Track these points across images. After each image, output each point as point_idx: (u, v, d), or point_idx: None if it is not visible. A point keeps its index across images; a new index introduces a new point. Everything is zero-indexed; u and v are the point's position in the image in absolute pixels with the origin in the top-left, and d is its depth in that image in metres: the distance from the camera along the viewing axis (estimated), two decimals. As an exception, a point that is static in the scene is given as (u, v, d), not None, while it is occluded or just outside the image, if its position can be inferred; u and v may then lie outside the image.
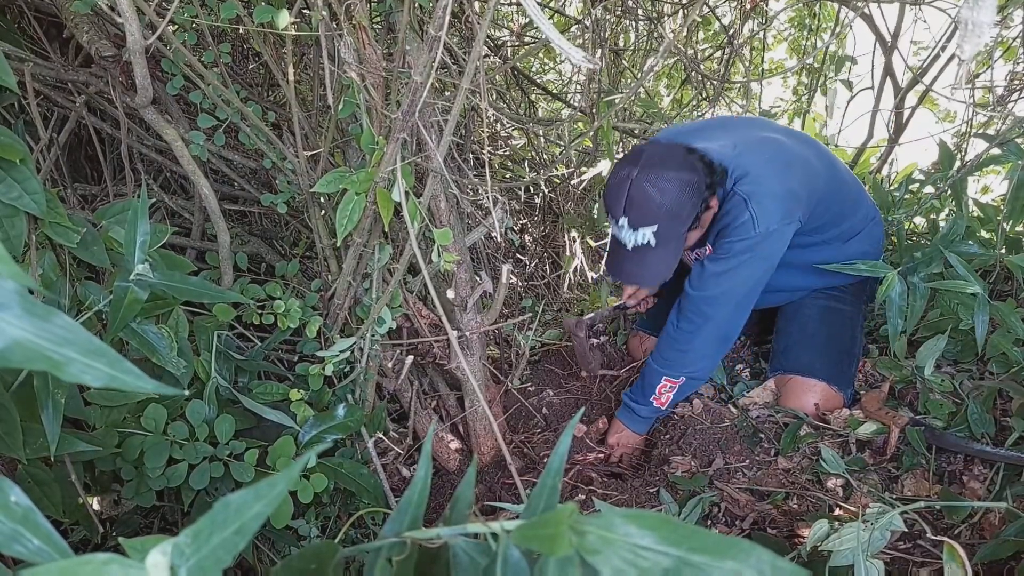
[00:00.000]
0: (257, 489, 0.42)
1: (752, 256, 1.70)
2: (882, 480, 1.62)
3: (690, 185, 1.59)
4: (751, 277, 1.74)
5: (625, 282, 1.74)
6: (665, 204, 1.58)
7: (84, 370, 0.41)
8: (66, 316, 0.42)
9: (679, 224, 1.62)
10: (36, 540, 0.45)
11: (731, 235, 1.70)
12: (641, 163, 1.60)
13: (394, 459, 1.95)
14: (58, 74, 1.79)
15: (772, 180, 1.69)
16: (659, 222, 1.60)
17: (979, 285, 1.72)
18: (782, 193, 1.68)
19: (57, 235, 1.17)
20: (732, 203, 1.69)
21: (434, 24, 1.15)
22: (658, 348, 1.92)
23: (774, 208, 1.66)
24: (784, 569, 0.39)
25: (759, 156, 1.73)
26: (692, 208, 1.62)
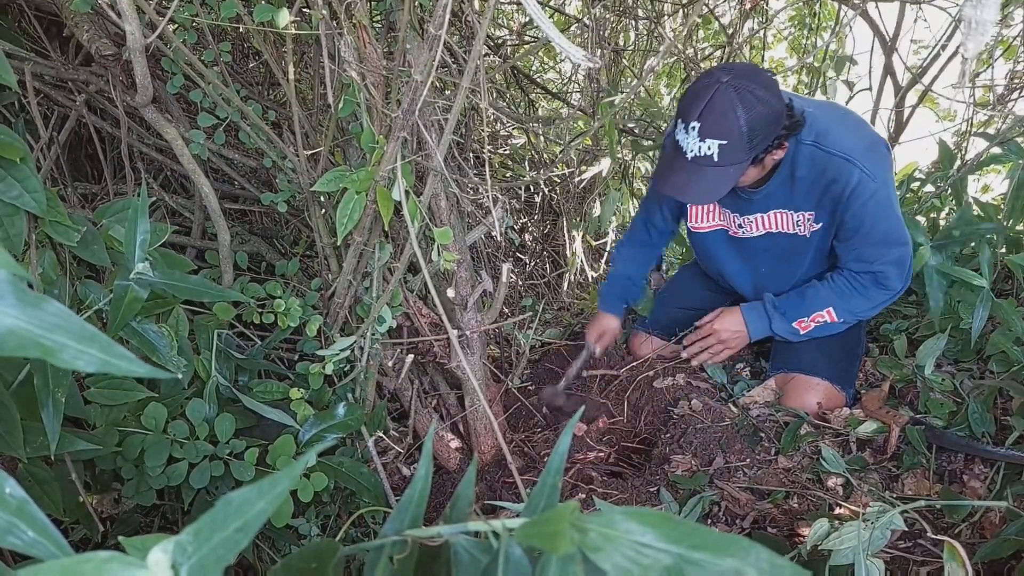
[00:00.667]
0: (259, 487, 0.42)
1: (887, 204, 1.67)
2: (882, 479, 1.62)
3: (775, 113, 1.53)
4: (896, 220, 1.70)
5: (668, 192, 1.66)
6: (745, 121, 1.50)
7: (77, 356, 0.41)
8: (58, 303, 0.42)
9: (748, 149, 1.54)
10: (32, 532, 0.45)
11: (854, 198, 1.66)
12: (736, 71, 1.52)
13: (394, 458, 1.95)
14: (58, 73, 1.79)
15: (857, 135, 1.67)
16: (730, 138, 1.51)
17: (987, 278, 1.71)
18: (870, 143, 1.67)
19: (57, 234, 1.17)
20: (834, 164, 1.65)
21: (434, 23, 1.15)
22: (839, 284, 1.84)
23: (874, 157, 1.65)
24: (783, 567, 0.39)
25: (831, 115, 1.71)
26: (766, 138, 1.55)
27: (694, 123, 1.53)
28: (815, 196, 1.74)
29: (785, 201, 1.81)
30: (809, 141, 1.67)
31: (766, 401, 1.96)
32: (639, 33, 3.27)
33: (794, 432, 1.78)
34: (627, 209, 3.15)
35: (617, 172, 3.08)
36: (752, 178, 1.72)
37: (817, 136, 1.66)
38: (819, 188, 1.71)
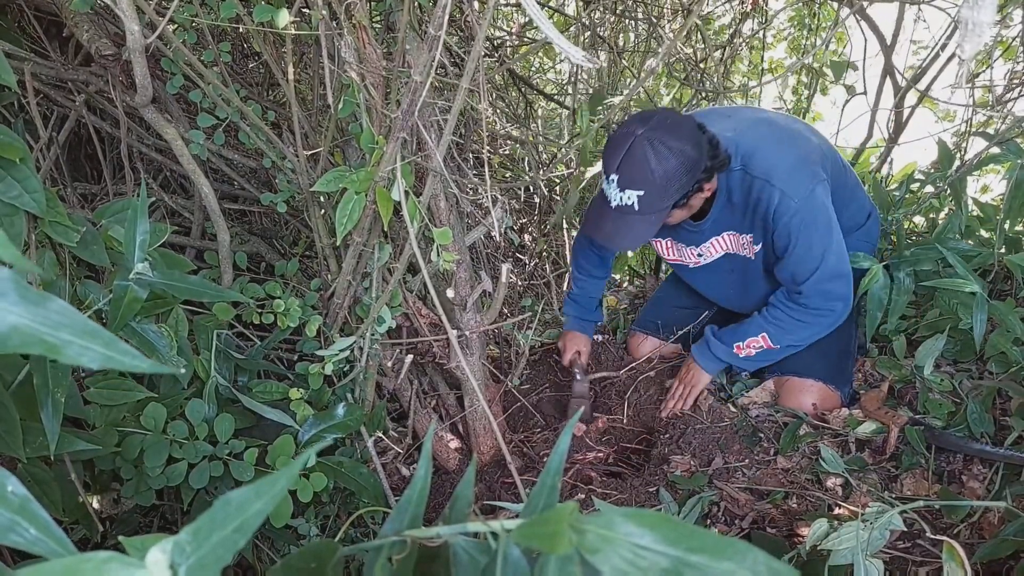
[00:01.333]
0: (258, 487, 0.42)
1: (811, 227, 1.69)
2: (881, 479, 1.62)
3: (690, 161, 1.56)
4: (831, 248, 1.72)
5: (599, 240, 1.74)
6: (659, 172, 1.55)
7: (81, 352, 0.41)
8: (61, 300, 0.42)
9: (666, 197, 1.59)
10: (33, 529, 0.45)
11: (778, 219, 1.69)
12: (652, 124, 1.56)
13: (393, 458, 1.95)
14: (58, 73, 1.79)
15: (781, 154, 1.69)
16: (647, 188, 1.56)
17: (978, 284, 1.72)
18: (795, 161, 1.69)
19: (57, 234, 1.17)
20: (756, 187, 1.69)
21: (434, 24, 1.15)
22: (773, 312, 1.88)
23: (796, 176, 1.67)
24: (780, 570, 0.39)
25: (758, 135, 1.74)
26: (684, 185, 1.59)
27: (613, 175, 1.59)
28: (749, 218, 1.79)
29: (731, 223, 1.86)
30: (738, 167, 1.72)
31: (764, 402, 1.96)
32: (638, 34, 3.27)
33: (793, 432, 1.78)
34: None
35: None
36: (680, 218, 1.79)
37: (744, 160, 1.71)
38: (750, 211, 1.76)
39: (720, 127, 1.74)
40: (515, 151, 3.52)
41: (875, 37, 2.64)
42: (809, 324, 1.83)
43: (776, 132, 1.76)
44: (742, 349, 1.92)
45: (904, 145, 2.79)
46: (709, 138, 1.64)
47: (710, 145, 1.63)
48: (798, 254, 1.73)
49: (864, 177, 2.65)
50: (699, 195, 1.70)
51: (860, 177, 2.40)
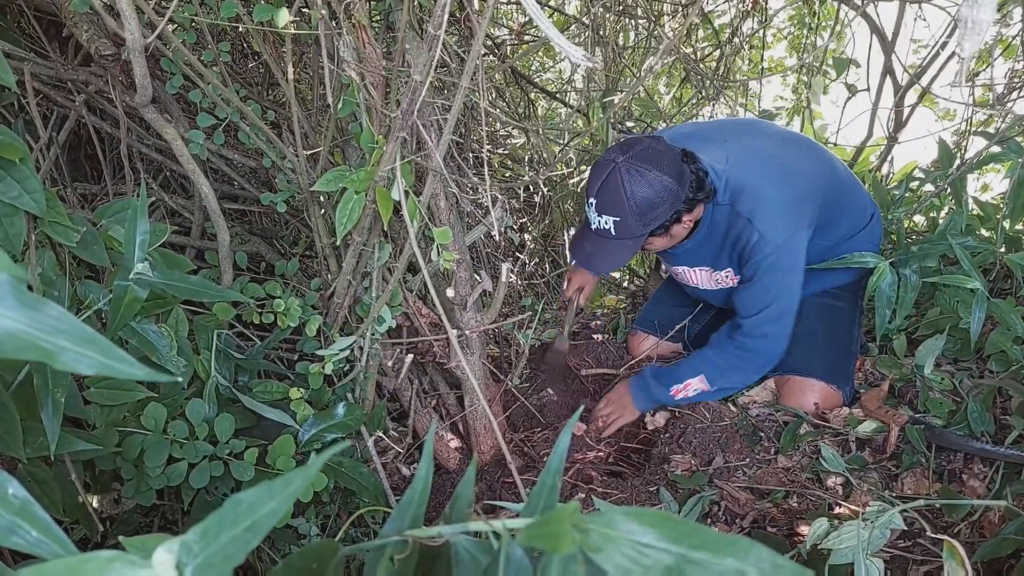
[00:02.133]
0: (271, 487, 0.41)
1: (776, 271, 1.72)
2: (882, 478, 1.62)
3: (668, 193, 1.60)
4: (787, 290, 1.76)
5: (578, 260, 1.80)
6: (635, 201, 1.59)
7: (77, 359, 0.41)
8: (58, 306, 0.42)
9: (642, 225, 1.62)
10: (35, 532, 0.45)
11: (751, 257, 1.72)
12: (632, 154, 1.60)
13: (394, 458, 1.95)
14: (57, 73, 1.79)
15: (771, 193, 1.70)
16: (623, 216, 1.61)
17: (979, 281, 1.72)
18: (783, 203, 1.70)
19: (57, 234, 1.17)
20: (738, 225, 1.71)
21: (433, 23, 1.15)
22: (709, 353, 1.92)
23: (779, 220, 1.68)
24: (784, 567, 0.39)
25: (753, 170, 1.74)
26: (660, 215, 1.63)
27: (592, 199, 1.65)
28: (727, 253, 1.82)
29: (704, 259, 1.90)
30: (725, 201, 1.73)
31: (765, 401, 1.96)
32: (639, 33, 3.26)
33: (793, 432, 1.78)
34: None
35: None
36: (662, 246, 1.82)
37: (732, 195, 1.72)
38: (729, 245, 1.80)
39: (714, 155, 1.75)
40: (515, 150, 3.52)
41: (875, 36, 2.64)
42: (742, 368, 1.88)
43: (769, 168, 1.75)
44: (679, 391, 1.94)
45: (904, 144, 2.79)
46: (696, 170, 1.67)
47: (696, 178, 1.66)
48: (754, 291, 1.77)
49: (864, 176, 2.65)
50: (679, 225, 1.72)
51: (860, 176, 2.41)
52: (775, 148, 1.82)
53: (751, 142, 1.83)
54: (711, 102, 3.08)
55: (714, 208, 1.75)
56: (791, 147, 1.85)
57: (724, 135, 1.87)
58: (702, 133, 1.90)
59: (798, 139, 1.93)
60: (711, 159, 1.73)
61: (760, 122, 2.06)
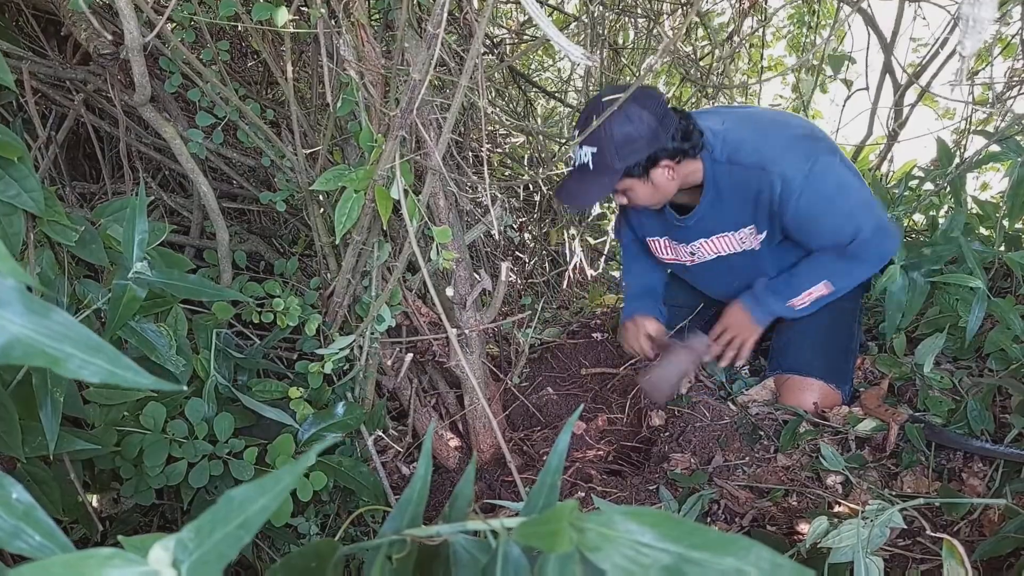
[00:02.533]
0: (262, 484, 0.41)
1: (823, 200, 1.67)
2: (881, 477, 1.62)
3: (647, 129, 1.61)
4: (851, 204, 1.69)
5: (560, 198, 1.81)
6: (613, 134, 1.60)
7: (83, 366, 0.41)
8: (65, 313, 0.42)
9: (617, 159, 1.63)
10: (38, 536, 0.46)
11: (786, 204, 1.69)
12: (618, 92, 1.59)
13: (393, 457, 1.95)
14: (56, 72, 1.79)
15: (768, 140, 1.71)
16: (599, 146, 1.62)
17: (981, 279, 1.72)
18: (787, 142, 1.70)
19: (55, 233, 1.17)
20: (752, 178, 1.70)
21: (432, 21, 1.15)
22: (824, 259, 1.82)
23: (792, 156, 1.67)
24: (784, 566, 0.39)
25: (746, 125, 1.76)
26: (637, 152, 1.63)
27: (576, 131, 1.67)
28: (748, 209, 1.79)
29: (721, 223, 1.86)
30: (724, 159, 1.73)
31: (765, 400, 1.96)
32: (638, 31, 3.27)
33: (793, 430, 1.78)
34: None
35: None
36: (647, 197, 1.77)
37: (731, 153, 1.72)
38: (749, 201, 1.76)
39: (708, 122, 1.77)
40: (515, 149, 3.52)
41: (874, 34, 2.64)
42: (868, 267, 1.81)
43: (762, 122, 1.77)
44: (798, 303, 1.88)
45: (904, 142, 2.79)
46: (685, 124, 1.67)
47: (683, 129, 1.67)
48: (829, 229, 1.72)
49: (864, 175, 2.65)
50: (661, 172, 1.70)
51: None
52: (772, 113, 1.86)
53: (746, 111, 1.87)
54: (711, 101, 3.08)
55: (714, 167, 1.74)
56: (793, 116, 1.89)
57: (724, 110, 1.90)
58: (701, 111, 1.93)
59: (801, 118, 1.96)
60: (707, 123, 1.75)
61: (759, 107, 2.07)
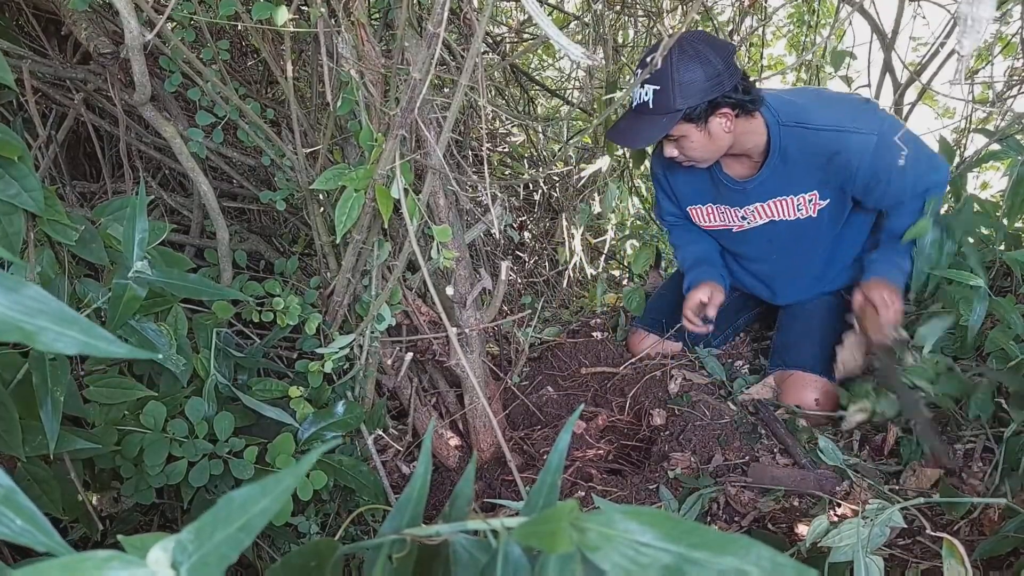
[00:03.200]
0: (263, 485, 0.41)
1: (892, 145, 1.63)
2: (882, 476, 1.62)
3: (711, 71, 1.61)
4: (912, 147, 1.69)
5: (613, 137, 1.79)
6: (679, 73, 1.60)
7: (57, 338, 0.41)
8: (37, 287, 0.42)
9: (679, 99, 1.62)
10: (19, 520, 0.45)
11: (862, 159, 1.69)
12: (695, 35, 1.64)
13: (393, 456, 1.95)
14: (56, 71, 1.79)
15: (837, 105, 1.73)
16: (662, 84, 1.62)
17: (983, 278, 1.71)
18: (853, 108, 1.73)
19: (55, 232, 1.17)
20: (823, 139, 1.70)
21: (433, 20, 1.15)
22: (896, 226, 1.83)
23: (864, 117, 1.69)
24: (784, 566, 0.39)
25: (811, 95, 1.79)
26: (699, 95, 1.62)
27: (638, 69, 1.67)
28: (816, 175, 1.78)
29: (782, 187, 1.84)
30: (792, 123, 1.73)
31: (765, 398, 1.96)
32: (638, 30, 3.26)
33: (793, 428, 1.78)
34: (626, 206, 3.14)
35: (616, 169, 3.08)
36: (700, 147, 1.74)
37: (799, 118, 1.72)
38: (818, 166, 1.76)
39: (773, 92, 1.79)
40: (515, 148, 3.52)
41: (875, 33, 2.63)
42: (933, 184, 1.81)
43: (821, 93, 1.83)
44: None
45: (904, 142, 2.78)
46: (745, 77, 1.68)
47: (746, 85, 1.67)
48: (905, 177, 1.72)
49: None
50: (719, 121, 1.69)
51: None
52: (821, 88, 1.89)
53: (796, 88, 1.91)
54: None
55: (781, 130, 1.74)
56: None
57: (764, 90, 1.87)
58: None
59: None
60: (768, 92, 1.77)
61: None
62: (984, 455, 1.59)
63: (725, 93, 1.63)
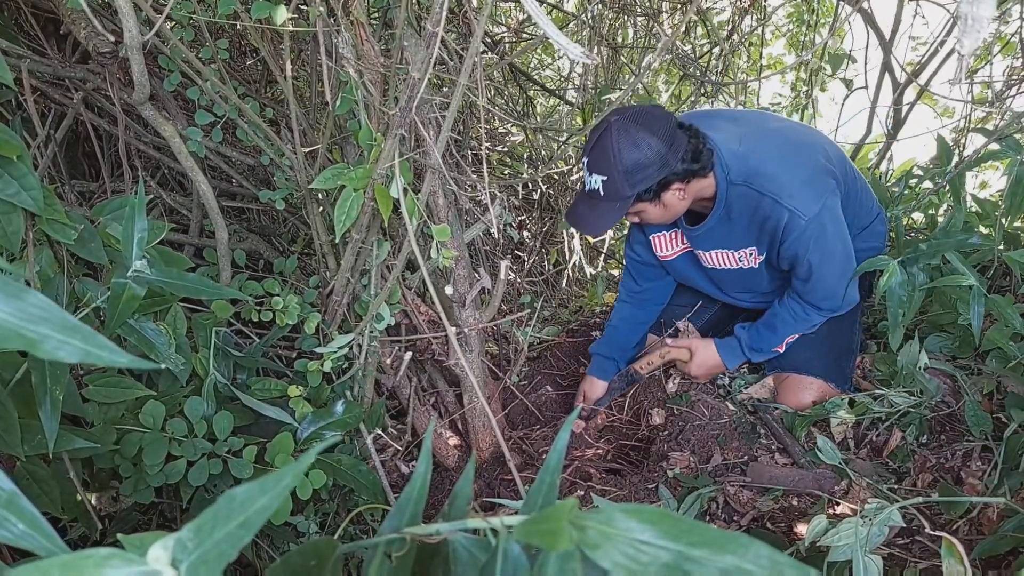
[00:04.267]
0: (262, 483, 0.41)
1: (820, 240, 1.70)
2: (880, 476, 1.62)
3: (656, 156, 1.60)
4: (833, 250, 1.75)
5: (569, 222, 1.81)
6: (623, 162, 1.59)
7: (59, 346, 0.41)
8: (40, 295, 0.43)
9: (628, 186, 1.62)
10: (21, 524, 0.45)
11: (788, 235, 1.71)
12: (626, 115, 1.61)
13: (393, 455, 1.95)
14: (55, 70, 1.78)
15: (791, 169, 1.70)
16: (609, 174, 1.61)
17: (975, 277, 1.72)
18: (805, 177, 1.70)
19: (54, 232, 1.17)
20: (764, 205, 1.70)
21: (432, 20, 1.14)
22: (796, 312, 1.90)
23: (807, 193, 1.67)
24: (783, 564, 0.39)
25: (767, 149, 1.73)
26: (647, 178, 1.62)
27: (585, 158, 1.66)
28: (754, 232, 1.80)
29: (724, 241, 1.87)
30: (740, 181, 1.72)
31: (763, 398, 1.96)
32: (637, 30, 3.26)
33: (791, 427, 1.78)
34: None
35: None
36: (658, 217, 1.78)
37: (748, 176, 1.71)
38: (756, 225, 1.77)
39: (724, 135, 1.75)
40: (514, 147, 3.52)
41: (874, 33, 2.64)
42: (823, 317, 1.89)
43: (784, 146, 1.76)
44: (780, 348, 1.95)
45: (903, 141, 2.79)
46: (696, 142, 1.66)
47: (693, 149, 1.65)
48: (810, 267, 1.75)
49: (863, 173, 2.65)
50: (672, 194, 1.70)
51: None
52: (788, 129, 1.83)
53: (761, 123, 1.84)
54: (710, 99, 3.08)
55: (728, 187, 1.74)
56: (806, 131, 1.88)
57: (734, 115, 1.88)
58: (709, 115, 1.90)
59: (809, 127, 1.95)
60: (724, 137, 1.73)
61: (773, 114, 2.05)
62: (983, 454, 1.59)
63: (672, 171, 1.63)
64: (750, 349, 1.98)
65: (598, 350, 2.23)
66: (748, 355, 1.99)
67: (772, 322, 1.94)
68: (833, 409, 1.77)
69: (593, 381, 2.20)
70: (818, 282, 1.78)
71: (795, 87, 3.55)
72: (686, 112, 1.97)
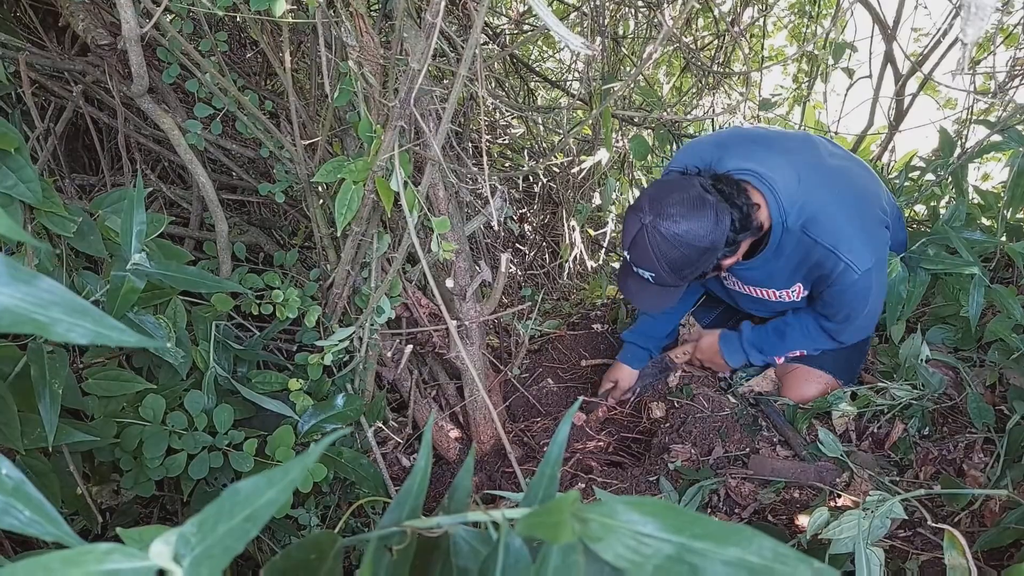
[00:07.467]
0: (270, 476, 0.41)
1: (866, 290, 1.67)
2: (882, 468, 1.62)
3: (698, 251, 1.54)
4: (875, 303, 1.74)
5: (626, 296, 1.79)
6: (667, 262, 1.55)
7: (70, 328, 0.42)
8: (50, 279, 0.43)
9: (678, 279, 1.60)
10: (28, 511, 0.45)
11: (836, 283, 1.67)
12: (658, 213, 1.53)
13: (393, 448, 1.95)
14: (54, 63, 1.78)
15: (851, 221, 1.64)
16: (656, 272, 1.58)
17: (977, 266, 1.71)
18: (864, 229, 1.65)
19: (53, 224, 1.17)
20: (817, 252, 1.65)
21: (431, 11, 1.14)
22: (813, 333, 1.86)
23: (865, 247, 1.63)
24: (786, 555, 0.39)
25: (828, 196, 1.66)
26: (697, 269, 1.59)
27: (626, 252, 1.63)
28: (801, 273, 1.76)
29: (766, 280, 1.83)
30: (797, 227, 1.65)
31: (765, 391, 1.96)
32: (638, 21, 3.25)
33: (792, 419, 1.78)
34: (626, 199, 3.14)
35: (616, 162, 3.08)
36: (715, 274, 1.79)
37: (806, 223, 1.64)
38: (805, 268, 1.73)
39: (781, 175, 1.65)
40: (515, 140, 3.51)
41: (876, 24, 2.62)
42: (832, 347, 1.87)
43: (845, 194, 1.68)
44: (780, 358, 1.94)
45: (905, 132, 2.78)
46: (741, 204, 1.59)
47: (741, 215, 1.59)
48: (848, 315, 1.74)
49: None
50: (728, 260, 1.68)
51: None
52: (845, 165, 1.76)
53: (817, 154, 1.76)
54: (711, 91, 3.07)
55: (784, 232, 1.67)
56: (859, 168, 1.81)
57: (785, 143, 1.77)
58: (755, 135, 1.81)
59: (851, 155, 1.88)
60: (782, 177, 1.65)
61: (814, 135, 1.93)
62: (985, 447, 1.59)
63: (722, 252, 1.60)
64: (750, 344, 1.96)
65: (631, 338, 2.20)
66: (747, 349, 1.97)
67: (783, 330, 1.91)
68: (835, 402, 1.77)
69: (623, 368, 2.18)
70: (849, 325, 1.76)
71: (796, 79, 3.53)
72: (727, 130, 1.89)
